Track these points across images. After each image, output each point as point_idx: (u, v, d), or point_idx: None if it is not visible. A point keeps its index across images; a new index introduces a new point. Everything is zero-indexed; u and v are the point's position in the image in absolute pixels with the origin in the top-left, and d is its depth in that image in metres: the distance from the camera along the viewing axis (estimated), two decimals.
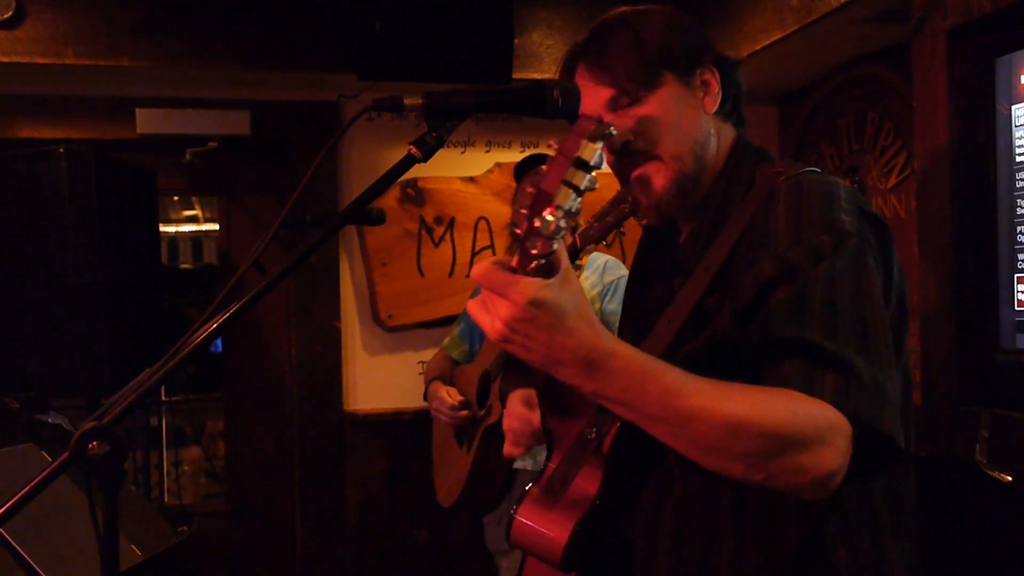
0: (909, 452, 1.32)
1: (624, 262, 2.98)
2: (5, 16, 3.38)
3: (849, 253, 1.21)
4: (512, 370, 2.81)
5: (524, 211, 1.00)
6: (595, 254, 2.89)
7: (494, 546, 3.03)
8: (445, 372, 3.20)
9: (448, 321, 4.09)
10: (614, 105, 1.39)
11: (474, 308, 1.06)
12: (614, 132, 1.01)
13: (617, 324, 2.79)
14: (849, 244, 1.22)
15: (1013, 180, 2.51)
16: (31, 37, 3.44)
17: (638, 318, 1.52)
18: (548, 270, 1.01)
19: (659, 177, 1.38)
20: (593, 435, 1.34)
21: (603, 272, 2.86)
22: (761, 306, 1.21)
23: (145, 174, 3.52)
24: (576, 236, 2.35)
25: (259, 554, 4.17)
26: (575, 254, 2.33)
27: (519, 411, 2.02)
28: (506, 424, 1.75)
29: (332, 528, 4.09)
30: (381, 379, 4.14)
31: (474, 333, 3.20)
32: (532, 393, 1.65)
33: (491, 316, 1.03)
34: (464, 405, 2.94)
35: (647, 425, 1.11)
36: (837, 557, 1.26)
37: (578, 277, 1.95)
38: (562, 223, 0.96)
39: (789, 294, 1.19)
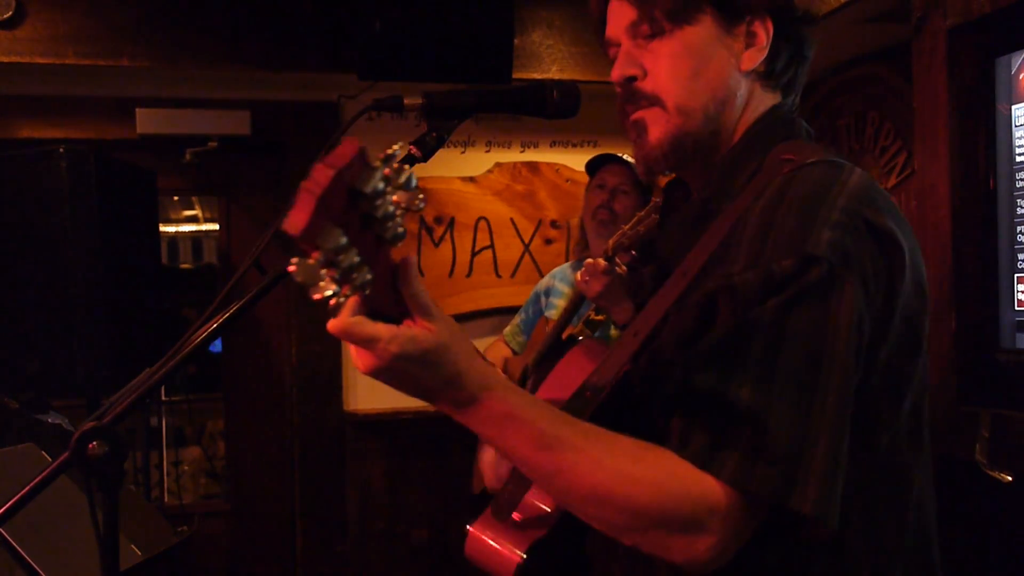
0: (909, 519, 1.15)
1: None
2: (5, 16, 3.38)
3: (812, 284, 1.01)
4: (544, 368, 2.82)
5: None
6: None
7: None
8: (498, 362, 3.19)
9: None
10: (634, 31, 1.20)
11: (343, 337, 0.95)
12: (398, 152, 0.86)
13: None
14: (816, 273, 1.01)
15: (1013, 180, 2.51)
16: (31, 37, 3.44)
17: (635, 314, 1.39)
18: (386, 297, 0.92)
19: (656, 127, 1.19)
20: None
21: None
22: (699, 337, 1.05)
23: (145, 174, 3.52)
24: (609, 244, 2.37)
25: (259, 554, 4.17)
26: (609, 261, 2.35)
27: (489, 457, 2.02)
28: (481, 463, 1.71)
29: (332, 528, 4.09)
30: None
31: (530, 326, 3.19)
32: None
33: (359, 356, 0.97)
34: None
35: (519, 468, 1.04)
36: None
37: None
38: (343, 259, 0.80)
39: (726, 334, 1.03)
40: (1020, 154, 2.49)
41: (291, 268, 0.80)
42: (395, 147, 0.87)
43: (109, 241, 3.09)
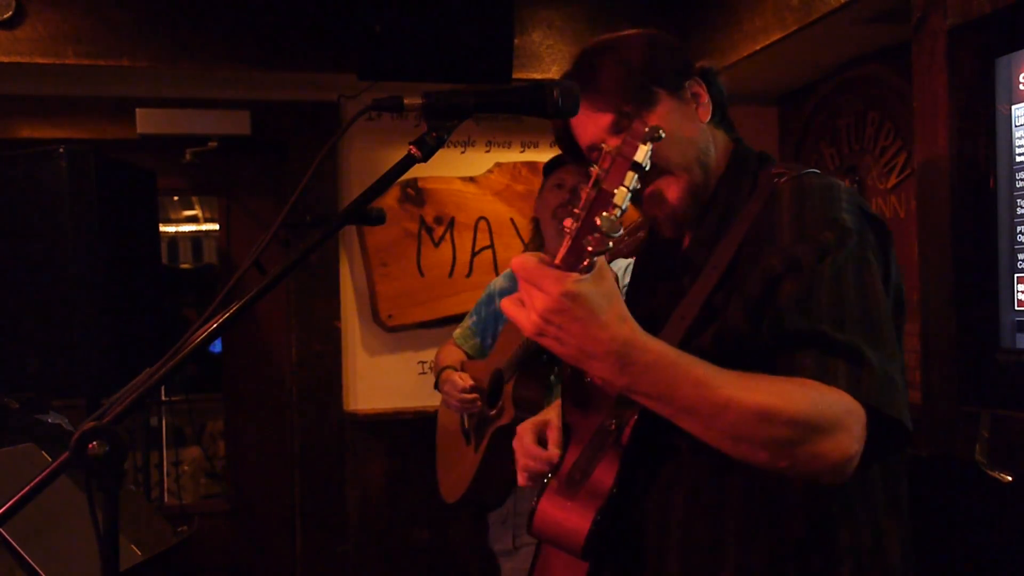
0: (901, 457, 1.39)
1: None
2: (5, 16, 3.38)
3: (851, 249, 1.26)
4: (527, 375, 2.81)
5: (578, 210, 1.05)
6: None
7: (498, 546, 3.02)
8: (456, 363, 3.18)
9: (448, 321, 4.09)
10: (617, 128, 1.41)
11: (508, 305, 1.10)
12: (663, 135, 1.08)
13: None
14: (851, 241, 1.26)
15: (1013, 180, 2.51)
16: (31, 37, 3.45)
17: (644, 320, 1.53)
18: (591, 267, 1.06)
19: (672, 190, 1.42)
20: (613, 427, 1.37)
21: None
22: (770, 300, 1.26)
23: (145, 174, 3.52)
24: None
25: (259, 554, 4.18)
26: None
27: (533, 450, 2.00)
28: (521, 462, 1.72)
29: (332, 528, 4.09)
30: (381, 379, 4.14)
31: (486, 329, 3.19)
32: (543, 424, 1.67)
33: (526, 310, 1.08)
34: (474, 390, 2.92)
35: (679, 417, 1.16)
36: (839, 538, 1.31)
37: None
38: (619, 223, 1.02)
39: (797, 288, 1.24)
40: (1020, 154, 2.49)
41: (597, 221, 1.03)
42: (661, 131, 1.09)
43: (109, 241, 3.09)
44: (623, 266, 2.90)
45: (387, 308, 4.09)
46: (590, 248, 1.03)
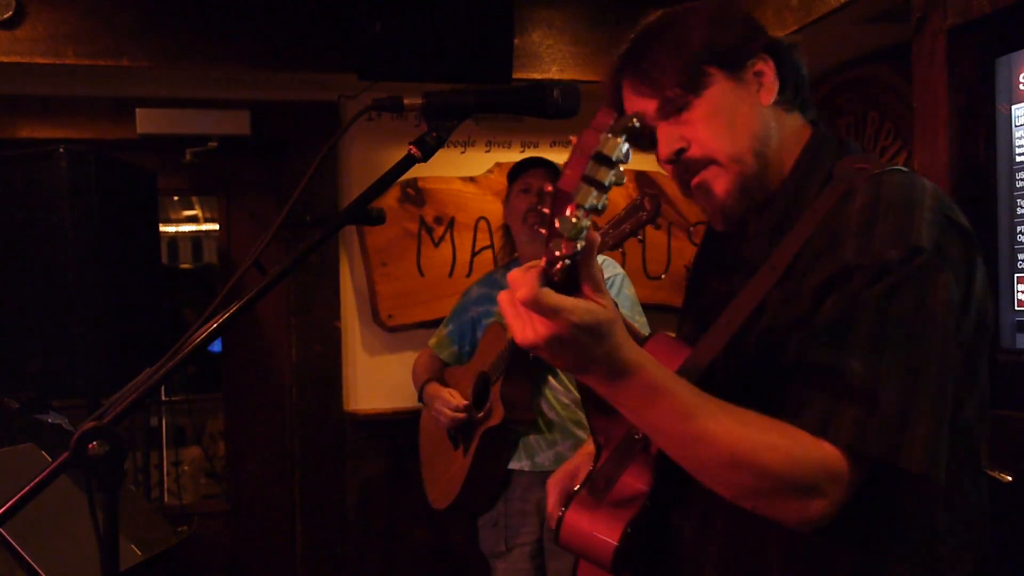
0: (980, 483, 1.29)
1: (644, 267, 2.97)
2: (5, 16, 3.38)
3: (916, 270, 1.14)
4: (514, 374, 2.81)
5: (546, 211, 0.97)
6: None
7: (488, 549, 3.02)
8: (436, 373, 3.19)
9: None
10: (663, 114, 1.32)
11: (506, 306, 1.03)
12: (637, 124, 0.97)
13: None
14: (919, 260, 1.14)
15: (1013, 180, 2.51)
16: (31, 37, 3.44)
17: (698, 314, 1.48)
18: (573, 271, 1.00)
19: (720, 182, 1.31)
20: (640, 435, 1.32)
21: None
22: (811, 319, 1.18)
23: (145, 174, 3.52)
24: None
25: (259, 554, 4.17)
26: None
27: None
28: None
29: (332, 528, 4.09)
30: (381, 379, 4.14)
31: (464, 336, 3.19)
32: (572, 475, 1.50)
33: (522, 322, 1.01)
34: (467, 408, 2.93)
35: (655, 438, 1.16)
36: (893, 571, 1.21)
37: None
38: (585, 222, 0.93)
39: (836, 313, 1.16)
40: (1020, 154, 2.49)
41: (557, 224, 0.94)
42: (635, 120, 0.97)
43: (109, 241, 3.09)
44: (619, 281, 2.90)
45: (387, 308, 4.09)
46: (558, 253, 0.95)
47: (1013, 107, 2.50)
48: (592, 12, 3.96)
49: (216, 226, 4.35)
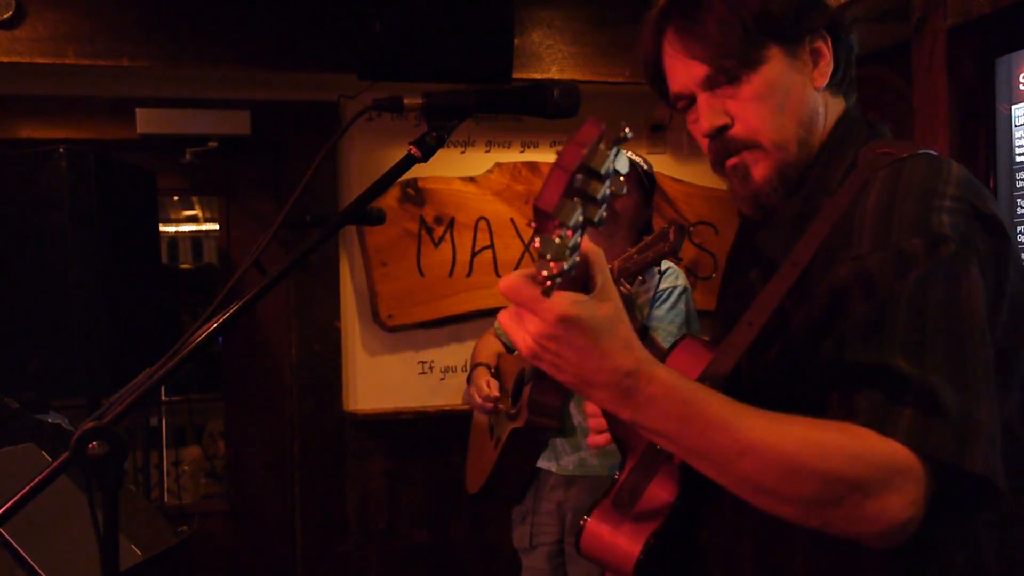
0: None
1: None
2: (5, 16, 3.38)
3: (945, 260, 1.04)
4: (544, 379, 2.79)
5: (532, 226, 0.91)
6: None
7: (518, 543, 3.04)
8: (491, 358, 3.17)
9: (448, 321, 4.09)
10: (710, 84, 1.21)
11: (506, 319, 0.96)
12: (629, 135, 0.90)
13: (662, 329, 2.73)
14: (945, 250, 1.05)
15: (1013, 180, 2.51)
16: (31, 37, 3.44)
17: (725, 314, 1.37)
18: (574, 287, 0.92)
19: (759, 167, 1.21)
20: None
21: (660, 279, 2.83)
22: (836, 319, 1.08)
23: (145, 174, 3.52)
24: (614, 265, 2.33)
25: (259, 554, 4.17)
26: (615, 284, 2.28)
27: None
28: None
29: (332, 528, 4.09)
30: (381, 379, 4.14)
31: None
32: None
33: (521, 329, 0.93)
34: (495, 401, 2.92)
35: (690, 459, 1.01)
36: None
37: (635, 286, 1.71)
38: (573, 239, 0.86)
39: (869, 309, 1.05)
40: (1020, 154, 2.49)
41: (536, 245, 0.86)
42: (627, 130, 0.90)
43: (109, 241, 3.09)
44: (663, 269, 2.85)
45: (387, 308, 4.09)
46: (545, 273, 0.86)
47: (1013, 107, 2.50)
48: (592, 12, 3.96)
49: (216, 226, 4.35)
